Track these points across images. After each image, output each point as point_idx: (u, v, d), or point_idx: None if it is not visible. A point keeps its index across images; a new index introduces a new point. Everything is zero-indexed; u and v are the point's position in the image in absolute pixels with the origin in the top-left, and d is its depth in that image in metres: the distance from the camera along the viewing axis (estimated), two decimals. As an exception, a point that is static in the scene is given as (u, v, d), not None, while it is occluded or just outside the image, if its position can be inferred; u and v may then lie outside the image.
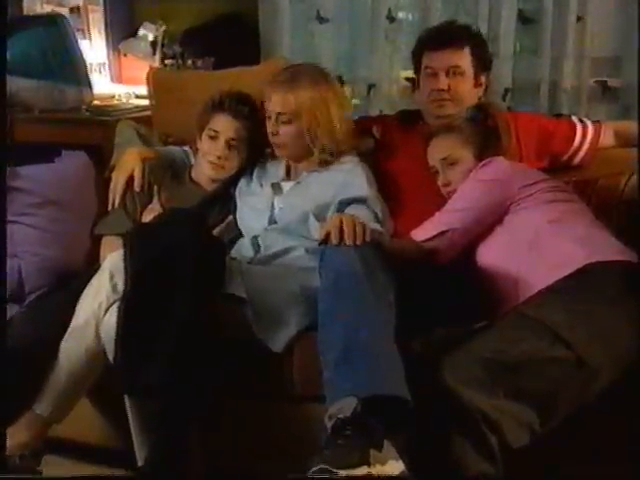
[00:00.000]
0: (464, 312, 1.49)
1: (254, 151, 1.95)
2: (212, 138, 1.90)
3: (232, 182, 1.96)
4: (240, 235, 1.90)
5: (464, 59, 1.92)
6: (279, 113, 1.82)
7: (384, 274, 1.46)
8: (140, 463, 1.54)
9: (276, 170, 1.95)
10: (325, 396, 1.32)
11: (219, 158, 1.90)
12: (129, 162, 1.94)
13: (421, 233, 1.69)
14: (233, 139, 1.90)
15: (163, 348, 1.42)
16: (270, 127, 1.84)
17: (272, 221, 1.85)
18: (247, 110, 1.91)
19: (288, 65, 2.10)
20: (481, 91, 1.99)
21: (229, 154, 1.91)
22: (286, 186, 1.91)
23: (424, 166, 1.85)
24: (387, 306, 1.42)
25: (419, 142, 1.88)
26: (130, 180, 1.93)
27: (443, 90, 1.91)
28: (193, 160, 2.03)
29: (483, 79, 1.98)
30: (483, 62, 1.97)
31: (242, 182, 1.96)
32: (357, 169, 1.85)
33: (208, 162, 1.91)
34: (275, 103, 1.82)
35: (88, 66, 2.51)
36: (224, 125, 1.90)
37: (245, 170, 1.97)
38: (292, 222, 1.81)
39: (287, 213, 1.83)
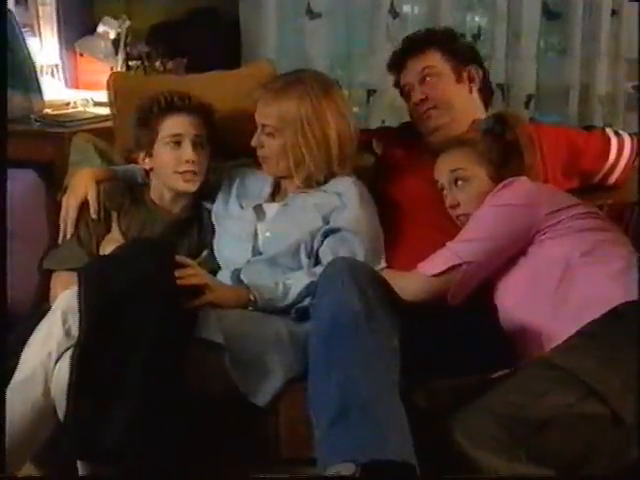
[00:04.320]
0: (479, 359, 1.50)
1: (214, 150, 1.98)
2: (175, 144, 1.92)
3: (200, 202, 2.01)
4: (218, 268, 1.92)
5: (433, 58, 2.02)
6: (262, 125, 1.89)
7: (387, 314, 1.48)
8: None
9: (260, 188, 1.98)
10: (317, 459, 1.33)
11: (193, 163, 1.91)
12: (80, 185, 1.96)
13: (430, 267, 1.70)
14: (198, 136, 1.93)
15: (123, 404, 1.43)
16: (254, 140, 1.91)
17: (256, 251, 1.87)
18: (198, 103, 1.96)
19: (273, 68, 2.15)
20: (475, 85, 2.05)
21: (199, 155, 1.93)
22: (270, 209, 1.93)
23: (433, 187, 1.88)
24: (390, 353, 1.44)
25: (427, 159, 1.91)
26: (83, 206, 1.94)
27: (422, 100, 1.99)
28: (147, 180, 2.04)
29: (472, 71, 2.05)
30: (458, 54, 2.05)
31: (219, 204, 1.99)
32: (351, 191, 1.88)
33: (178, 174, 1.92)
34: (259, 112, 1.90)
35: (38, 68, 2.52)
36: (184, 124, 1.92)
37: (215, 187, 2.01)
38: (280, 253, 1.84)
39: (275, 242, 1.86)
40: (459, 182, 1.82)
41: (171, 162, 1.92)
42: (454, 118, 1.98)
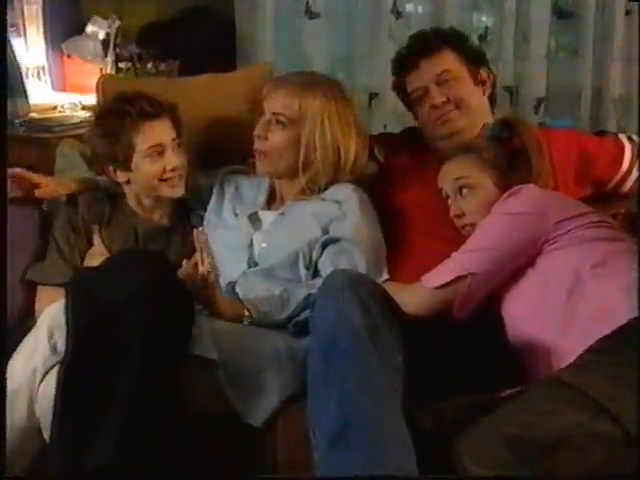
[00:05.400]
0: (486, 377, 1.50)
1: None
2: (158, 154, 1.92)
3: (184, 207, 2.03)
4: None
5: (449, 60, 2.02)
6: (275, 113, 1.87)
7: (389, 329, 1.48)
8: None
9: (255, 195, 2.00)
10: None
11: (179, 169, 1.93)
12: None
13: (434, 278, 1.71)
14: (174, 139, 1.94)
15: (113, 424, 1.43)
16: (258, 129, 1.89)
17: (252, 262, 1.88)
18: (167, 104, 1.95)
19: (270, 70, 2.17)
20: (488, 89, 2.06)
21: (180, 158, 1.94)
22: (266, 217, 1.94)
23: (437, 196, 1.88)
24: (393, 369, 1.44)
25: (430, 166, 1.93)
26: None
27: (444, 103, 1.99)
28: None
29: (484, 74, 2.06)
30: (472, 56, 2.06)
31: (212, 211, 2.01)
32: (351, 199, 1.89)
33: (163, 181, 1.93)
34: (273, 102, 1.88)
35: (23, 70, 2.54)
36: (163, 132, 1.93)
37: (207, 193, 2.03)
38: (277, 264, 1.84)
39: (272, 253, 1.86)
40: (464, 190, 1.82)
41: (156, 172, 1.93)
42: (471, 123, 1.98)
